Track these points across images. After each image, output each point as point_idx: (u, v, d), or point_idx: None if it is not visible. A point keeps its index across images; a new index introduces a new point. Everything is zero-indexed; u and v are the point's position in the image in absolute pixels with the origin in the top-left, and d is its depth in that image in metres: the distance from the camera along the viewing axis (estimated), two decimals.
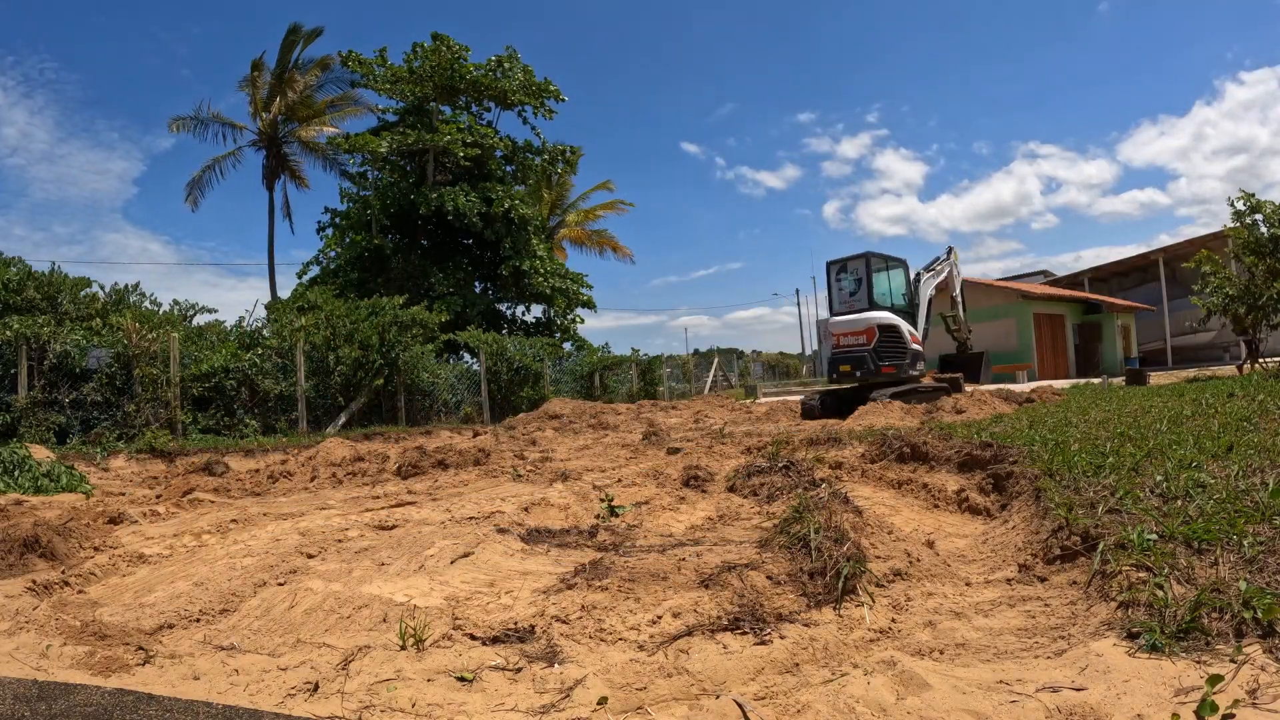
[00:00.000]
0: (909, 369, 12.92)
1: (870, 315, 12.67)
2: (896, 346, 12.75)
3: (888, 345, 12.59)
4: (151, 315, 14.51)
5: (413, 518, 4.91)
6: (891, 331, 12.72)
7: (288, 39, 26.96)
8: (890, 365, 12.52)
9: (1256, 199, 13.68)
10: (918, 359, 13.26)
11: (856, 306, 12.98)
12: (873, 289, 12.88)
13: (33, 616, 2.92)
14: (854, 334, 12.68)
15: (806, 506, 3.51)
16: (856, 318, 12.77)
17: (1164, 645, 1.99)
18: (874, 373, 12.32)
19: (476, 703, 2.08)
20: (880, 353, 12.46)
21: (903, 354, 12.82)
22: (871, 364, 12.30)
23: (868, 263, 13.02)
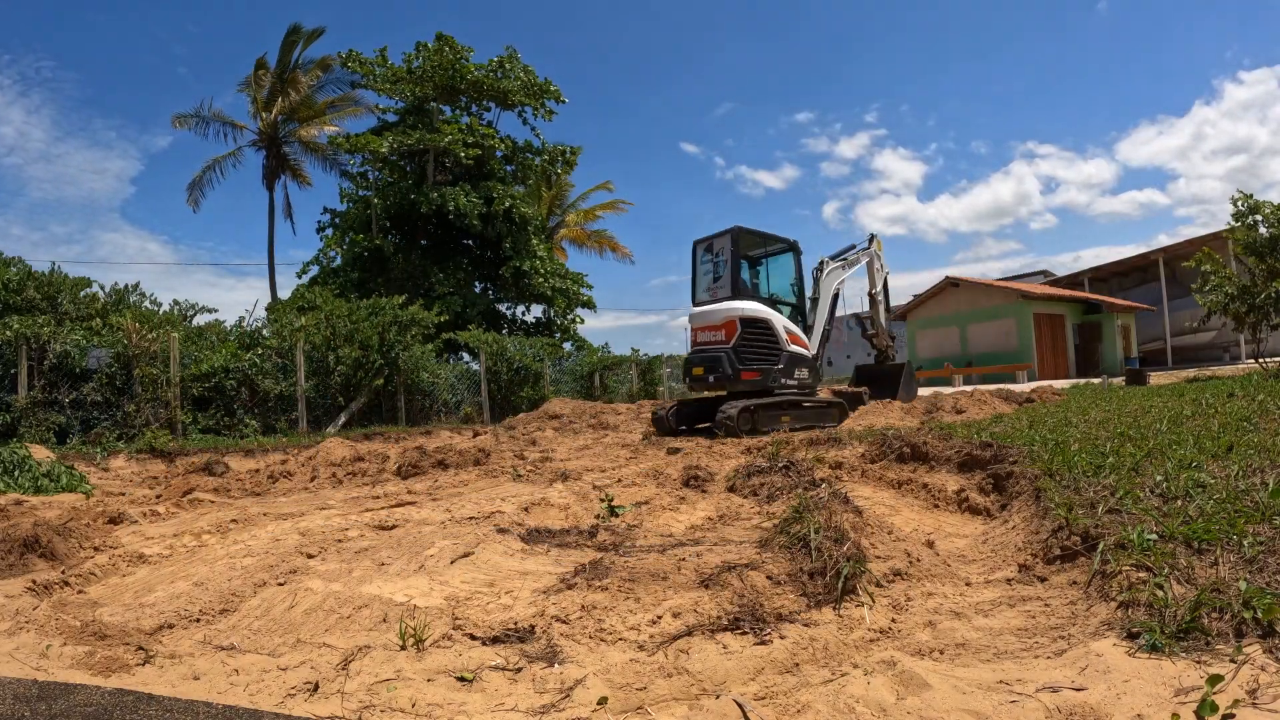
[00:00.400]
0: (781, 376, 10.21)
1: (731, 306, 9.94)
2: (765, 346, 10.06)
3: (752, 344, 9.92)
4: (151, 315, 14.51)
5: (413, 518, 4.91)
6: (758, 327, 10.00)
7: (288, 39, 26.98)
8: (753, 370, 9.82)
9: (1256, 199, 13.69)
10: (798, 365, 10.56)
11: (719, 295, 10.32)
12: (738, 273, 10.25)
13: (33, 616, 2.92)
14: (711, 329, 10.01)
15: (806, 506, 3.51)
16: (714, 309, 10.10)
17: (1164, 645, 1.99)
18: (731, 378, 9.68)
19: (476, 703, 2.08)
20: (741, 353, 9.75)
21: (773, 356, 10.10)
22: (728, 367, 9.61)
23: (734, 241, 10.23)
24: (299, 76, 27.65)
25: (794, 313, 10.94)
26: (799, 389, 10.54)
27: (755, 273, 11.16)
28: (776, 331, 10.20)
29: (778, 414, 9.74)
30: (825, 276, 11.51)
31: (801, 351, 10.59)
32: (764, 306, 10.22)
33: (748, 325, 9.87)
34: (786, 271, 11.36)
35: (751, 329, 9.90)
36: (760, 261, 11.24)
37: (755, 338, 9.95)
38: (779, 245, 11.33)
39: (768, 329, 10.12)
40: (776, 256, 11.37)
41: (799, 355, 10.51)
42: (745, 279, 10.81)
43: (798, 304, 11.07)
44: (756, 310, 10.08)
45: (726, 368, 9.65)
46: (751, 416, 9.47)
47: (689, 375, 10.43)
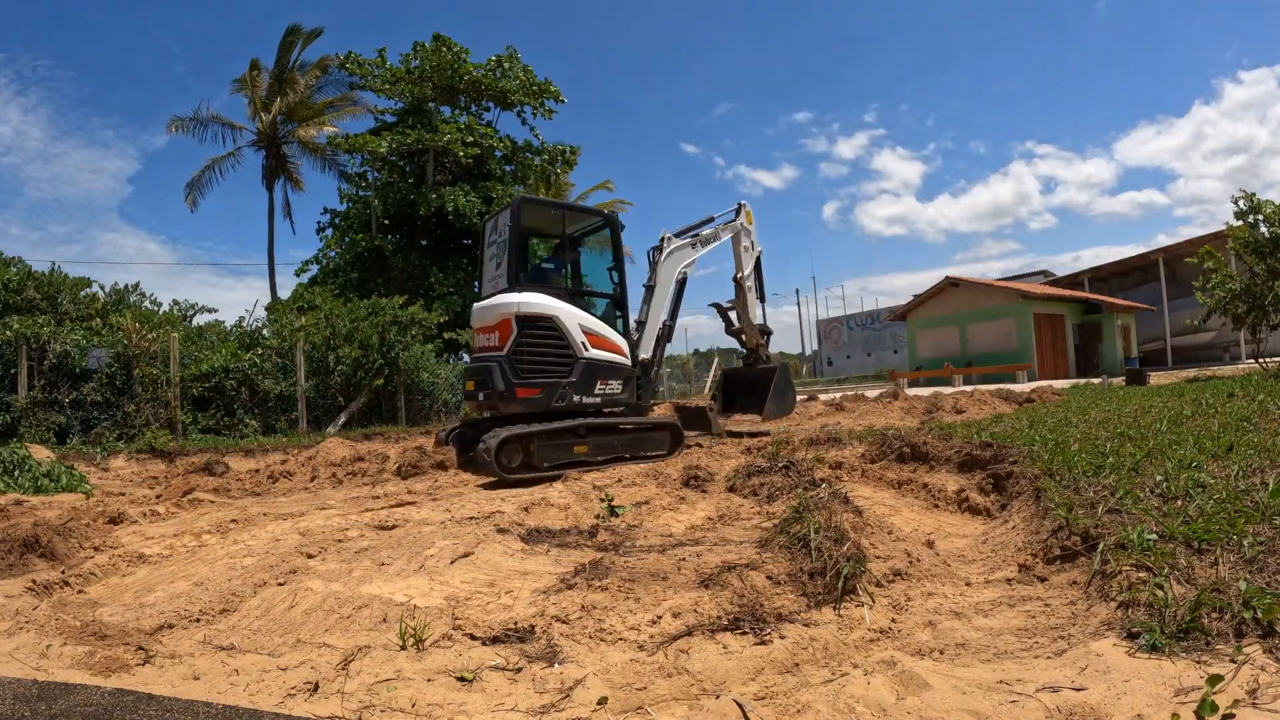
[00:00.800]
0: (575, 392, 7.56)
1: (505, 300, 7.44)
2: (550, 352, 7.48)
3: (532, 349, 7.36)
4: (151, 315, 14.51)
5: (413, 518, 4.91)
6: (540, 326, 7.42)
7: (286, 39, 26.97)
8: (533, 385, 7.30)
9: (1257, 199, 13.69)
10: (604, 376, 7.83)
11: (498, 286, 7.88)
12: (517, 257, 7.73)
13: (33, 616, 2.92)
14: (485, 330, 7.67)
15: (806, 506, 3.51)
16: (488, 304, 7.72)
17: (1164, 645, 1.99)
18: (504, 395, 7.16)
19: (476, 703, 2.08)
20: (518, 363, 7.24)
21: (561, 365, 7.53)
22: (499, 380, 7.15)
23: (515, 215, 7.73)
24: (297, 77, 27.65)
25: (610, 306, 8.40)
26: (603, 408, 7.86)
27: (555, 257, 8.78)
28: (567, 332, 7.57)
29: (568, 443, 7.21)
30: (666, 258, 8.79)
31: (610, 359, 7.91)
32: (549, 299, 7.59)
33: (526, 325, 7.33)
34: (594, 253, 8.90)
35: (531, 330, 7.36)
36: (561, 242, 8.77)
37: (536, 341, 7.39)
38: (587, 221, 8.91)
39: (553, 329, 7.50)
40: (582, 234, 8.94)
41: (606, 363, 7.86)
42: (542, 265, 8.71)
43: (615, 295, 8.44)
44: (536, 304, 7.44)
45: (498, 381, 7.16)
46: (525, 448, 6.93)
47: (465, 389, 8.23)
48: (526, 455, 6.97)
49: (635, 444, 7.86)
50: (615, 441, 7.70)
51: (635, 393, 8.20)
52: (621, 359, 8.11)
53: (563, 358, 7.59)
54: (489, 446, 6.60)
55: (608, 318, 8.21)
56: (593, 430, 7.51)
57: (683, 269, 9.02)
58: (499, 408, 7.42)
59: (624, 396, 8.06)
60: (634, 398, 8.19)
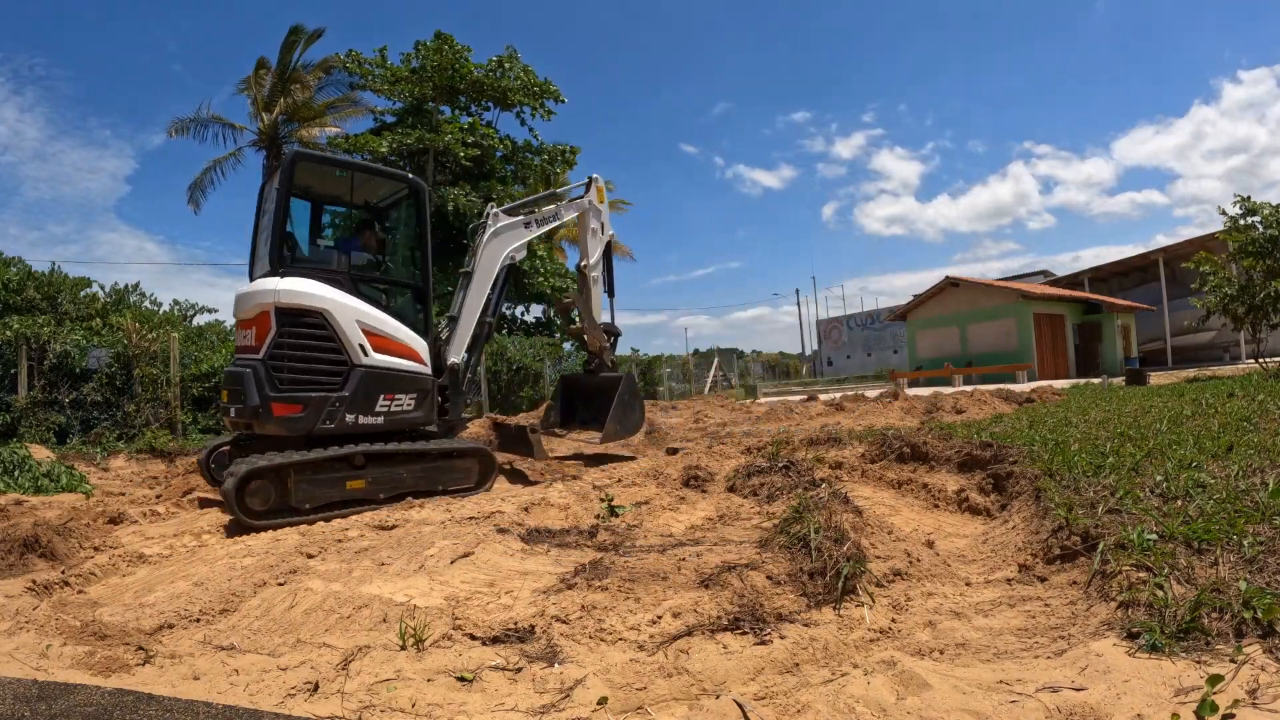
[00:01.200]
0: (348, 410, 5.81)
1: (263, 286, 5.74)
2: (316, 359, 5.73)
3: (296, 355, 5.65)
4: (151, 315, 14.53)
5: (412, 517, 4.92)
6: (308, 324, 5.69)
7: (288, 40, 27.00)
8: (294, 400, 5.59)
9: (1253, 201, 13.70)
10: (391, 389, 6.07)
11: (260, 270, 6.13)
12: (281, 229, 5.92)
13: (33, 616, 2.92)
14: (243, 325, 5.94)
15: (806, 506, 3.51)
16: (248, 291, 5.95)
17: (1164, 645, 1.99)
18: (259, 413, 5.48)
19: (476, 703, 2.08)
20: (276, 370, 5.56)
21: (331, 376, 5.79)
22: (254, 393, 5.48)
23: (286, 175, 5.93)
24: (300, 77, 27.68)
25: (409, 299, 6.62)
26: (389, 429, 6.11)
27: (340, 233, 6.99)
28: (340, 331, 5.80)
29: (339, 478, 5.57)
30: (490, 239, 7.13)
31: (400, 366, 6.17)
32: (320, 287, 5.80)
33: (287, 320, 5.62)
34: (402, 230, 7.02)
35: (295, 327, 5.64)
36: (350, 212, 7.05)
37: (300, 342, 5.67)
38: (381, 185, 6.92)
39: (323, 327, 5.74)
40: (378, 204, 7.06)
41: (394, 372, 6.12)
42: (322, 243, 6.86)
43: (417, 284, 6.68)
44: (301, 293, 5.68)
45: (251, 394, 5.47)
46: (279, 484, 5.32)
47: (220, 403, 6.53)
48: (278, 495, 5.28)
49: (432, 476, 6.11)
50: (405, 474, 5.96)
51: (435, 409, 6.45)
52: (417, 366, 6.31)
53: (334, 364, 5.79)
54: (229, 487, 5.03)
55: (404, 313, 6.41)
56: (375, 460, 5.78)
57: (511, 253, 7.33)
58: (254, 427, 5.63)
59: (419, 415, 6.28)
60: (433, 415, 6.43)
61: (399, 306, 6.48)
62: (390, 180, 6.91)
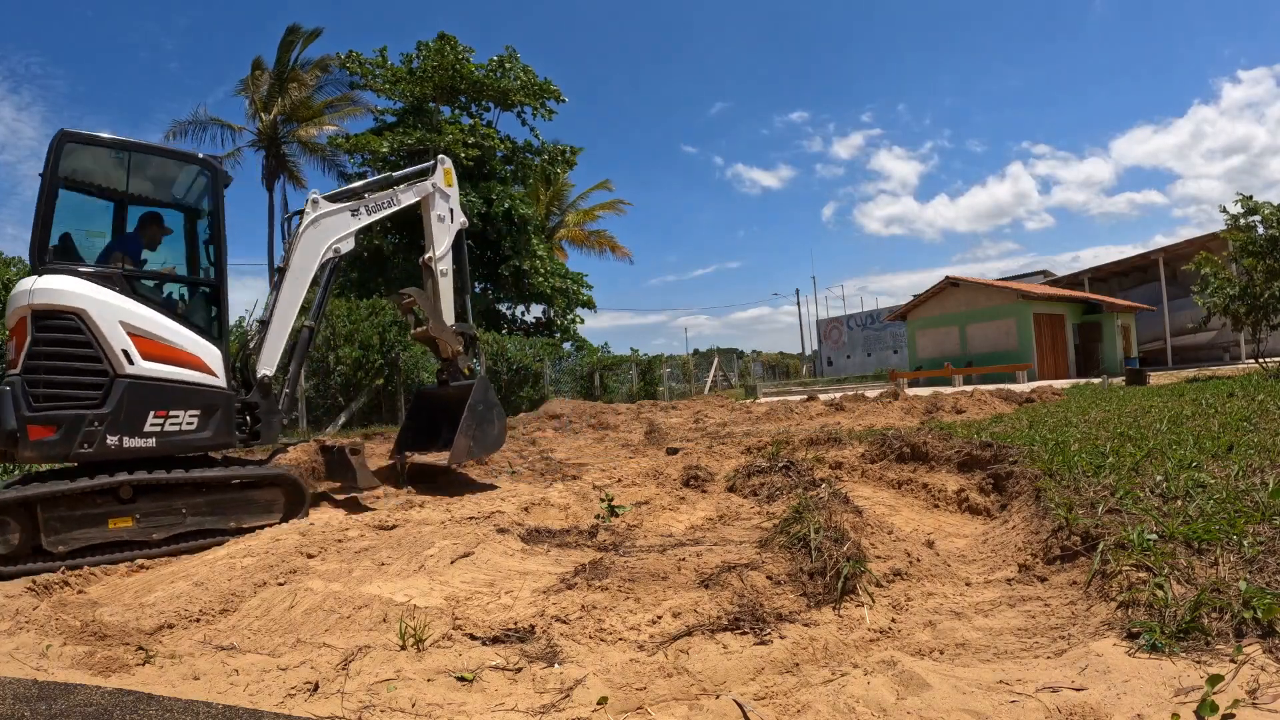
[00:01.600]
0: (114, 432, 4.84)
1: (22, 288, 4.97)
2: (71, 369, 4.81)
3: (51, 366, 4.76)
4: None
5: (412, 517, 4.91)
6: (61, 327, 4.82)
7: (286, 39, 27.00)
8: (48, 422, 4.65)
9: (1254, 201, 13.70)
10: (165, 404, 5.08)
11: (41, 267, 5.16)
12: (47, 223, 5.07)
13: (33, 616, 2.92)
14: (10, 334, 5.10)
15: (806, 506, 3.51)
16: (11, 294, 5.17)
17: (1164, 645, 1.99)
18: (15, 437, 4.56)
19: (476, 703, 2.08)
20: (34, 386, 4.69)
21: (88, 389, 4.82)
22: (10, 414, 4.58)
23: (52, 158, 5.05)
24: (298, 76, 27.67)
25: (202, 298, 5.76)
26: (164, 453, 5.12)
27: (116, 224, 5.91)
28: (97, 334, 4.92)
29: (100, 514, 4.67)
30: (307, 228, 6.23)
31: (180, 376, 5.22)
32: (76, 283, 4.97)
33: (42, 325, 4.82)
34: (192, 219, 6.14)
35: (50, 332, 4.82)
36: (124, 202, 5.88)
37: (55, 350, 4.82)
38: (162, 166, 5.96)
39: (77, 330, 4.87)
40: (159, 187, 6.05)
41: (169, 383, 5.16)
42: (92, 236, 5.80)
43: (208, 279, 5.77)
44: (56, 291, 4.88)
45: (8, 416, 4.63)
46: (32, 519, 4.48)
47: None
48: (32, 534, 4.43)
49: (221, 509, 5.17)
50: (185, 507, 4.97)
51: (231, 428, 5.48)
52: (204, 376, 5.34)
53: (91, 375, 4.87)
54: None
55: (194, 316, 5.51)
56: (147, 491, 4.87)
57: (334, 245, 6.36)
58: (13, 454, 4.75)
59: (205, 435, 5.31)
60: (227, 436, 5.46)
61: (188, 309, 5.57)
62: (174, 160, 5.94)
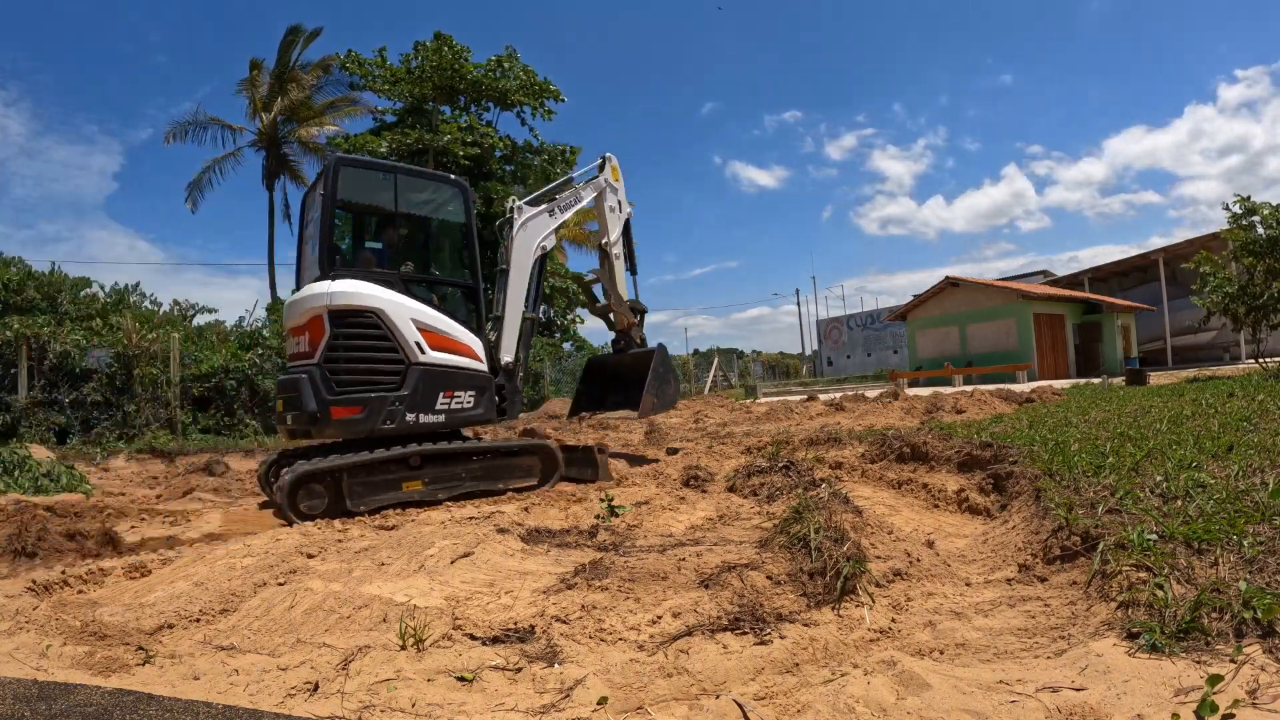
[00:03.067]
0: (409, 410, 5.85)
1: (315, 291, 5.76)
2: (373, 359, 5.77)
3: (351, 355, 5.70)
4: (151, 315, 14.55)
5: (413, 517, 4.91)
6: (361, 325, 5.73)
7: (286, 39, 27.01)
8: (353, 402, 5.62)
9: (1253, 201, 13.71)
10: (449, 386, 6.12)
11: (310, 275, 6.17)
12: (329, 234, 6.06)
13: (33, 616, 2.92)
14: (295, 332, 6.01)
15: (806, 506, 3.51)
16: (298, 297, 6.03)
17: (1164, 645, 1.99)
18: (316, 418, 5.50)
19: (476, 703, 2.08)
20: (333, 373, 5.60)
21: (389, 376, 5.83)
22: (311, 398, 5.49)
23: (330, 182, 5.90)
24: (298, 76, 27.67)
25: (460, 297, 6.70)
26: (449, 428, 6.20)
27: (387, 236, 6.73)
28: (395, 330, 5.82)
29: (395, 479, 5.62)
30: (518, 232, 6.96)
31: (459, 363, 6.20)
32: (372, 288, 5.82)
33: (341, 322, 5.62)
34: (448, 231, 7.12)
35: (349, 329, 5.66)
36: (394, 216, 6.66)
37: (356, 344, 5.70)
38: (424, 187, 6.90)
39: (375, 326, 5.76)
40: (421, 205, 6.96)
41: (452, 369, 6.14)
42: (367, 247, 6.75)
43: (466, 283, 6.76)
44: (353, 294, 5.70)
45: (308, 399, 5.46)
46: (336, 486, 5.42)
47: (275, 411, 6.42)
48: (335, 496, 5.37)
49: (492, 474, 6.14)
50: (463, 472, 5.95)
51: (494, 406, 6.42)
52: (474, 363, 6.30)
53: (390, 365, 5.79)
54: (283, 485, 5.18)
55: (457, 313, 6.39)
56: (432, 460, 5.83)
57: (541, 243, 7.15)
58: (311, 432, 5.65)
59: (480, 412, 6.27)
60: (493, 413, 6.41)
61: (451, 306, 6.49)
62: (433, 181, 6.96)
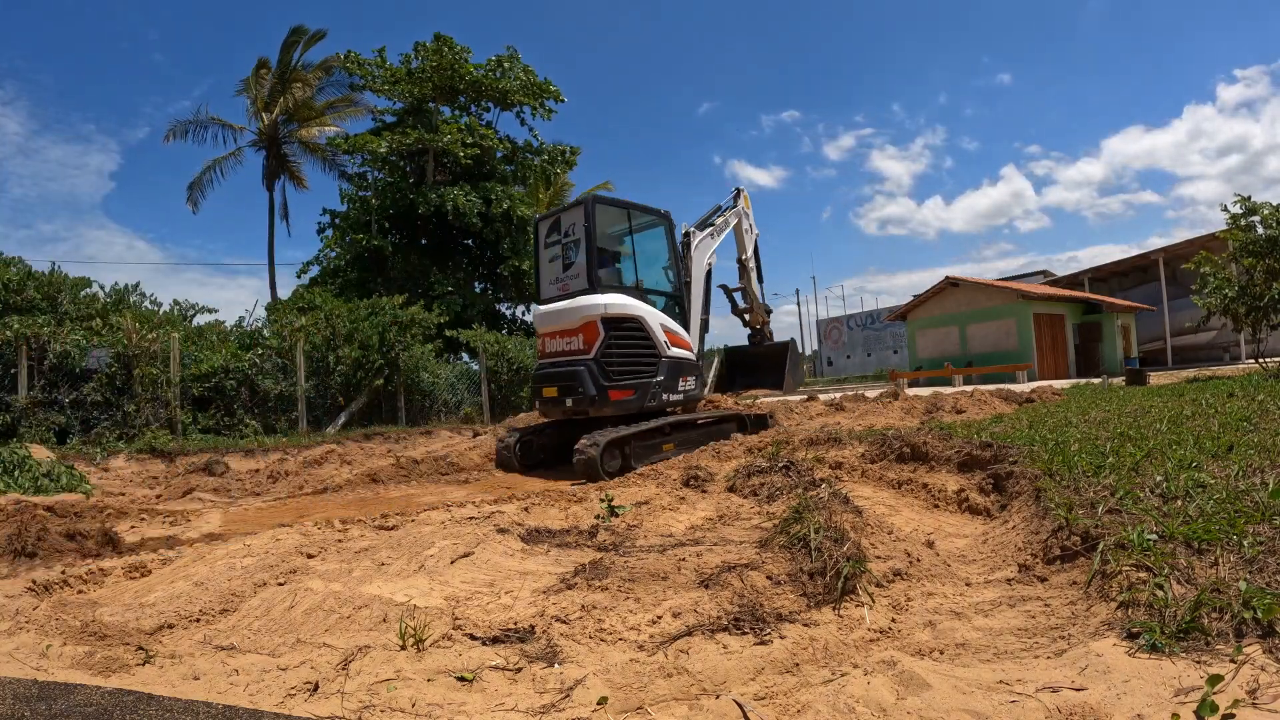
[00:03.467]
0: (664, 391, 7.97)
1: (590, 301, 7.54)
2: (638, 354, 7.78)
3: (621, 351, 7.59)
4: (151, 315, 14.53)
5: (413, 517, 4.91)
6: (628, 327, 7.68)
7: (289, 40, 27.00)
8: (626, 387, 7.55)
9: (1253, 201, 13.70)
10: (683, 373, 8.30)
11: (572, 288, 7.96)
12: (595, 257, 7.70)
13: (33, 616, 2.92)
14: (565, 334, 7.71)
15: (806, 506, 3.51)
16: (567, 306, 7.75)
17: (1164, 645, 1.99)
18: (597, 399, 7.31)
19: (476, 703, 2.08)
20: (608, 365, 7.42)
21: (649, 366, 7.86)
22: (591, 385, 7.26)
23: (588, 214, 7.73)
24: (301, 77, 27.66)
25: (670, 304, 8.46)
26: (684, 404, 8.36)
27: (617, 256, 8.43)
28: (652, 331, 7.79)
29: (659, 442, 7.48)
30: (694, 252, 9.02)
31: (686, 356, 8.28)
32: (633, 299, 7.79)
33: (614, 326, 7.43)
34: (657, 252, 8.88)
35: (619, 331, 7.50)
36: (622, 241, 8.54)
37: (625, 342, 7.56)
38: (645, 218, 8.77)
39: (640, 329, 7.69)
40: (642, 233, 8.86)
41: (684, 361, 8.17)
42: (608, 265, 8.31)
43: (674, 293, 8.57)
44: (624, 305, 7.59)
45: (589, 386, 7.20)
46: (622, 450, 7.12)
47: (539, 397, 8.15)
48: (622, 456, 7.26)
49: (709, 437, 8.25)
50: (694, 436, 8.16)
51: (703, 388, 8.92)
52: (691, 355, 8.55)
53: (650, 358, 7.94)
54: (592, 454, 6.83)
55: (673, 315, 8.45)
56: (675, 428, 8.09)
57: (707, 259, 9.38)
58: (589, 412, 7.52)
59: (696, 392, 8.66)
60: (703, 393, 8.91)
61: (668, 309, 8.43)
62: (649, 213, 8.80)
